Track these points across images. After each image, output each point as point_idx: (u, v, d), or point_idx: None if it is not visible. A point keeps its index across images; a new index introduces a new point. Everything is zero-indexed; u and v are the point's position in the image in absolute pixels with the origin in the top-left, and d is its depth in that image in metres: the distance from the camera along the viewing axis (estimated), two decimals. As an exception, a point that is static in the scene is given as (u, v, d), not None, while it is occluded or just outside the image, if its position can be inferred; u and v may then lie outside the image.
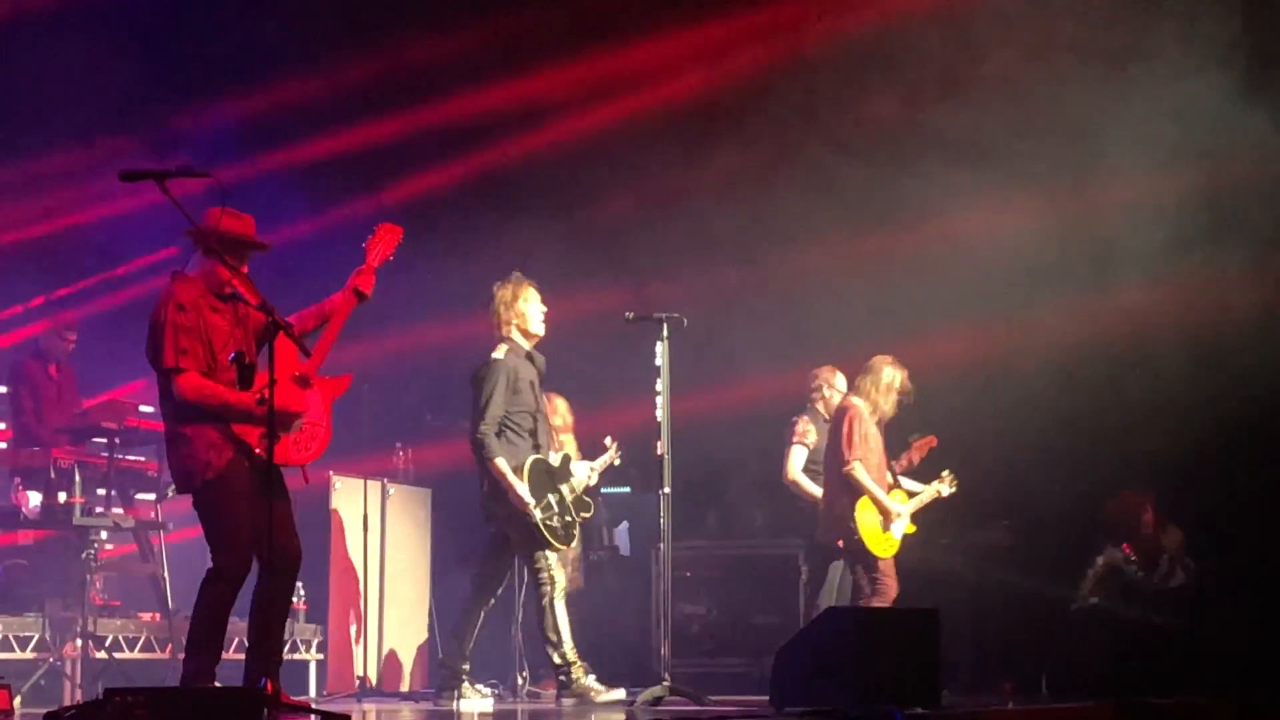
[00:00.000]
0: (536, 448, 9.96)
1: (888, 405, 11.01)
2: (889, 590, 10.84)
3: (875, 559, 10.87)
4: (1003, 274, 12.35)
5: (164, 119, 13.26)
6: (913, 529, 11.07)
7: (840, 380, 11.70)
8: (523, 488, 9.75)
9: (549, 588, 9.80)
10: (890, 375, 11.00)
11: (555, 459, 10.13)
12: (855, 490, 10.84)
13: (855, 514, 10.84)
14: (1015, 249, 12.27)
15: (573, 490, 10.12)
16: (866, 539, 10.84)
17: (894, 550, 10.95)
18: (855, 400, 11.05)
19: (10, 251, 13.36)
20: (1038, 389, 12.42)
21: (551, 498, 9.89)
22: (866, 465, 10.87)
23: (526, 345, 10.02)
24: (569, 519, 10.01)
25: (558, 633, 9.78)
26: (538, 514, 9.73)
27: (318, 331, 7.93)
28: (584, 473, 10.34)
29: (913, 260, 12.67)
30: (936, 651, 8.89)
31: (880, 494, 10.87)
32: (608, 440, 10.52)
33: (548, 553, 9.85)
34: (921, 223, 12.60)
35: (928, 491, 11.25)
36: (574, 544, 10.44)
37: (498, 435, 9.83)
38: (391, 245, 8.15)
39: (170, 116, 13.32)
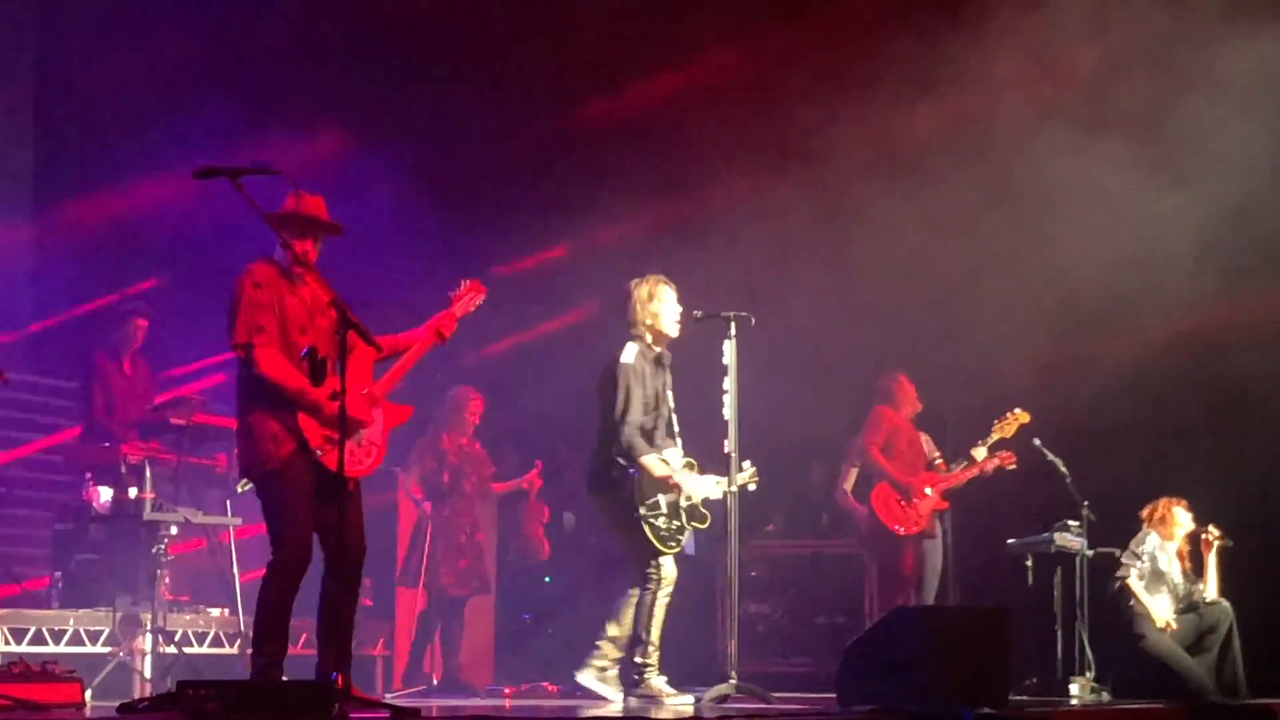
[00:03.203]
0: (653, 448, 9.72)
1: (908, 409, 12.07)
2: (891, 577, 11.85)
3: (893, 538, 11.71)
4: (1089, 274, 12.27)
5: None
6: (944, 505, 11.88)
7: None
8: (683, 475, 9.66)
9: (655, 585, 9.58)
10: (896, 386, 12.03)
11: (677, 460, 9.82)
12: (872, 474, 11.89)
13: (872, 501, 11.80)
14: (1104, 250, 12.17)
15: (689, 498, 9.76)
16: (881, 515, 11.71)
17: (919, 528, 11.73)
18: (880, 406, 12.06)
19: (91, 242, 13.56)
20: (1116, 393, 12.37)
21: (663, 498, 9.61)
22: (891, 453, 11.82)
23: (657, 347, 9.81)
24: (678, 524, 9.68)
25: (649, 631, 9.59)
26: (642, 510, 9.48)
27: (389, 361, 8.08)
28: (708, 486, 9.82)
29: (996, 261, 12.60)
30: (1006, 652, 8.86)
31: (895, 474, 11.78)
32: (746, 463, 9.99)
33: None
34: (1008, 223, 12.50)
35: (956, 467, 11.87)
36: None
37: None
38: (474, 302, 8.39)
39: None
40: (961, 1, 12.49)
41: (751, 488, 10.04)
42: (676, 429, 9.90)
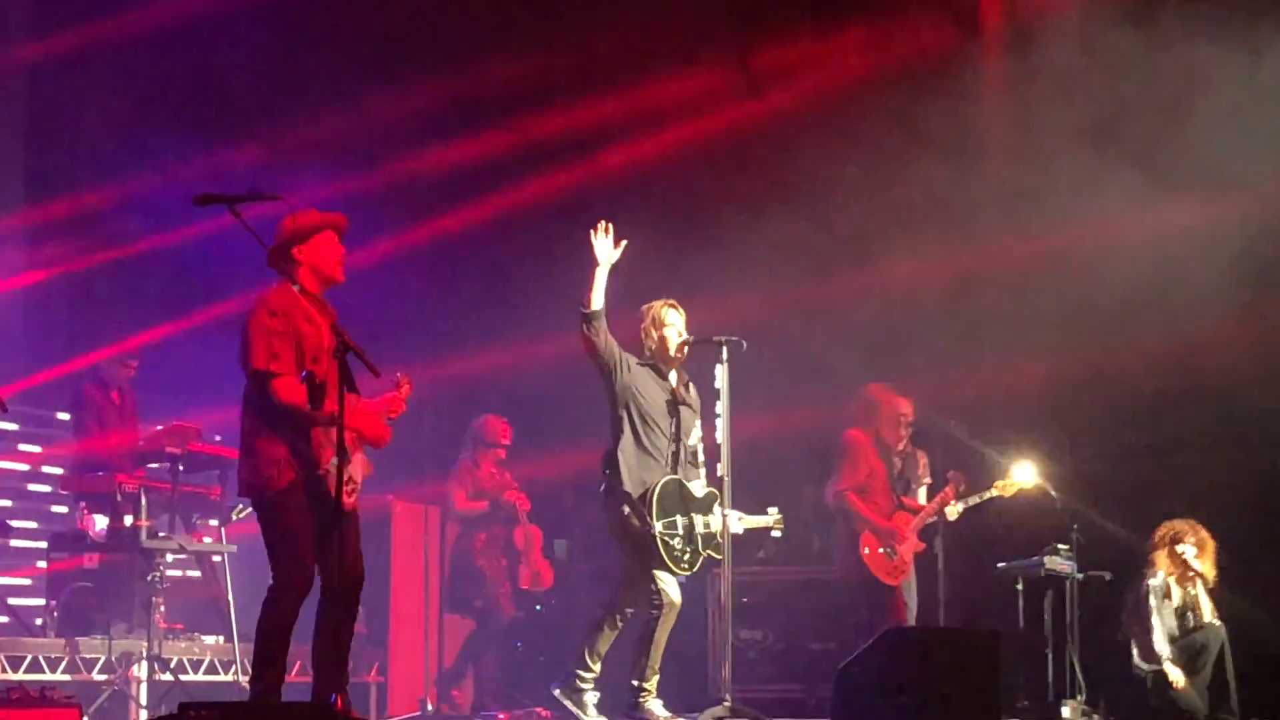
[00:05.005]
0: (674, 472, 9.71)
1: (890, 435, 11.42)
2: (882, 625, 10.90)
3: (884, 588, 11.21)
4: (1101, 293, 12.32)
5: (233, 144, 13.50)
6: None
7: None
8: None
9: (659, 610, 9.48)
10: (888, 406, 11.40)
11: (699, 490, 9.76)
12: (851, 519, 11.25)
13: (859, 544, 11.20)
14: (1108, 271, 12.23)
15: (707, 526, 9.68)
16: (872, 567, 11.19)
17: (902, 577, 11.31)
18: (854, 430, 11.41)
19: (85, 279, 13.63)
20: (1119, 415, 12.46)
21: (679, 519, 9.56)
22: (870, 493, 11.26)
23: (664, 367, 9.78)
24: (694, 548, 9.60)
25: (648, 655, 9.54)
26: (658, 526, 9.42)
27: None
28: (731, 521, 9.63)
29: (1002, 282, 12.66)
30: (998, 674, 8.91)
31: (876, 519, 11.21)
32: (773, 509, 10.11)
33: (664, 573, 9.52)
34: (1018, 246, 12.56)
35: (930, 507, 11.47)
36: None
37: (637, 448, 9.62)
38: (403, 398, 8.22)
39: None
40: (951, 56, 12.60)
41: (776, 534, 10.13)
42: (700, 459, 9.84)
